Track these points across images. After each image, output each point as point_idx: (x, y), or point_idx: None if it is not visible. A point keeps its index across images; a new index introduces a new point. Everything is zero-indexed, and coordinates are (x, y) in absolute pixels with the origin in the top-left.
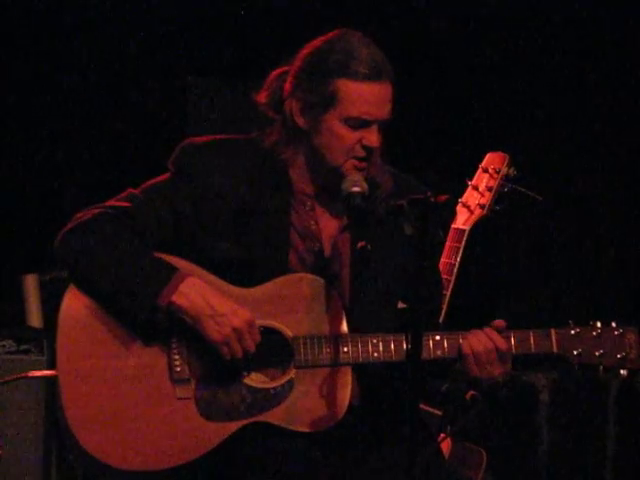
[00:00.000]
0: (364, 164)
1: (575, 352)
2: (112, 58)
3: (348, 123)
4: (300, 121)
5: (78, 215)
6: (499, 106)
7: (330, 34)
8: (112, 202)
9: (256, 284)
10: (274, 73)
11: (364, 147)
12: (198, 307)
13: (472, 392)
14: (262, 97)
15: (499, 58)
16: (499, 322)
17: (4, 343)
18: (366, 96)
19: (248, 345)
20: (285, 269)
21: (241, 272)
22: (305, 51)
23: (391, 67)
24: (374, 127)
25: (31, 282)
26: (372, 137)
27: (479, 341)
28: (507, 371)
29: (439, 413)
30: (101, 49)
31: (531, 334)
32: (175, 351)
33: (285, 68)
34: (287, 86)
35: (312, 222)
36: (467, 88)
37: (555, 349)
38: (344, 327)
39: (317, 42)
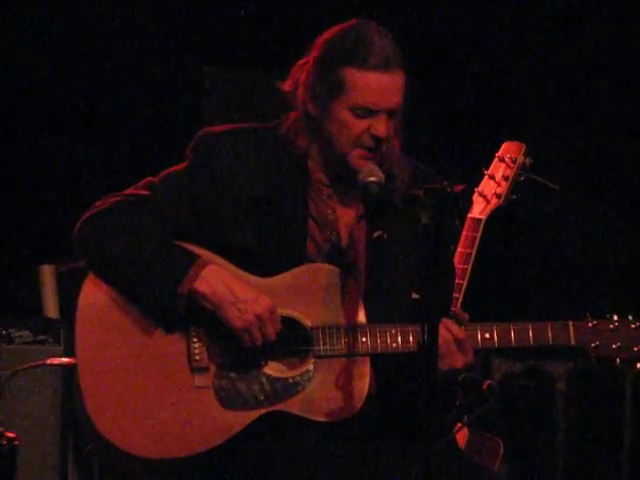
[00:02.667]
0: (372, 155)
1: (592, 345)
2: (128, 48)
3: (355, 112)
4: (311, 108)
5: (97, 203)
6: (516, 95)
7: (346, 23)
8: (131, 190)
9: (274, 273)
10: (298, 63)
11: (372, 137)
12: (220, 294)
13: (489, 381)
14: (287, 86)
15: (517, 47)
16: (463, 314)
17: (21, 333)
18: (373, 85)
19: (269, 332)
20: (303, 258)
21: (259, 261)
22: (320, 40)
23: (402, 58)
24: (382, 116)
25: (47, 273)
26: (380, 126)
27: None
28: (469, 361)
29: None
30: (117, 39)
31: (549, 326)
32: (194, 339)
33: (308, 58)
34: (303, 76)
35: (329, 211)
36: (484, 77)
37: (573, 341)
38: (362, 317)
39: (332, 31)
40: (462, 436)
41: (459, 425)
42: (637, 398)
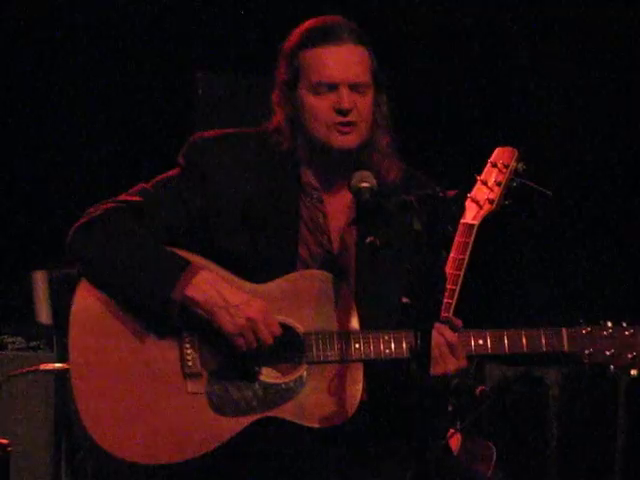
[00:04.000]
0: (347, 128)
1: (586, 351)
2: (120, 53)
3: (314, 91)
4: (284, 105)
5: (90, 210)
6: (508, 100)
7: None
8: (123, 197)
9: (267, 278)
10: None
11: (337, 111)
12: (211, 299)
13: (482, 387)
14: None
15: (509, 52)
16: (458, 322)
17: (14, 340)
18: (324, 60)
19: (264, 336)
20: (295, 263)
21: (251, 265)
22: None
23: (363, 36)
24: (343, 90)
25: (40, 279)
26: (342, 99)
27: None
28: (461, 366)
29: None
30: (109, 44)
31: (542, 333)
32: (187, 345)
33: None
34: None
35: (320, 215)
36: (476, 82)
37: (566, 348)
38: (355, 323)
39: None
40: (455, 442)
41: (452, 431)
42: (630, 404)
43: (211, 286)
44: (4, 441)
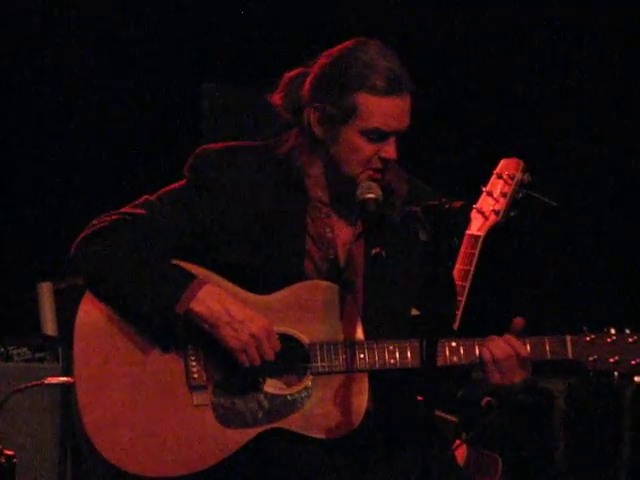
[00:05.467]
0: (379, 175)
1: (590, 358)
2: (127, 64)
3: (366, 135)
4: (318, 131)
5: (94, 222)
6: (514, 112)
7: (348, 43)
8: (128, 209)
9: (272, 291)
10: (289, 75)
11: (381, 159)
12: (216, 314)
13: (488, 398)
14: (277, 99)
15: (514, 63)
16: (518, 320)
17: (19, 351)
18: (386, 110)
19: (266, 353)
20: (301, 277)
21: (257, 279)
22: (323, 60)
23: (409, 77)
24: (392, 139)
25: (45, 290)
26: (390, 149)
27: (499, 348)
28: (526, 377)
29: (453, 419)
30: (116, 56)
31: (546, 340)
32: (192, 358)
33: (300, 70)
34: (305, 93)
35: (327, 229)
36: (482, 93)
37: (570, 355)
38: (360, 333)
39: (335, 51)
40: (461, 453)
41: (458, 442)
42: (635, 413)
43: (216, 300)
44: (10, 452)
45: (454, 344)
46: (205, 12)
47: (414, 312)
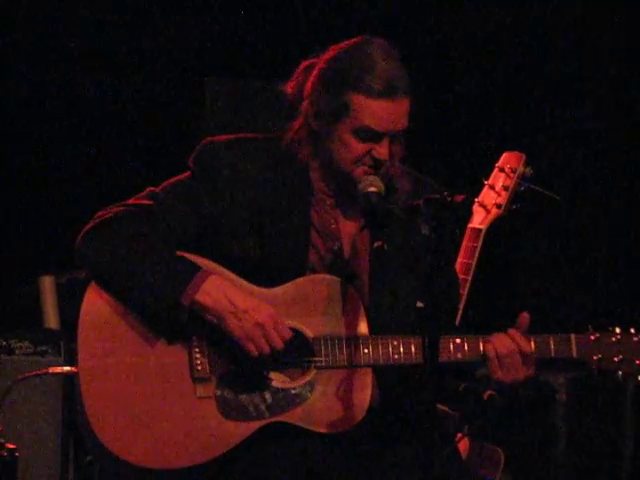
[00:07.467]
0: (374, 171)
1: (595, 358)
2: (130, 59)
3: (358, 134)
4: (314, 124)
5: (99, 214)
6: (516, 105)
7: (353, 40)
8: (133, 201)
9: (276, 283)
10: (303, 64)
11: (373, 158)
12: (221, 305)
13: (490, 392)
14: (289, 87)
15: (516, 57)
16: (525, 315)
17: (21, 344)
18: (378, 112)
19: (274, 341)
20: (305, 268)
21: (261, 270)
22: (330, 54)
23: (409, 80)
24: (385, 140)
25: (47, 283)
26: (382, 150)
27: (503, 344)
28: (530, 375)
29: (456, 414)
30: (119, 50)
31: (551, 339)
32: (196, 350)
33: (314, 60)
34: (308, 85)
35: (332, 221)
36: (483, 87)
37: (575, 354)
38: (364, 328)
39: (341, 47)
40: (463, 446)
41: (460, 435)
42: (637, 410)
43: (220, 291)
44: (12, 445)
45: (458, 341)
46: (208, 6)
47: (419, 304)
